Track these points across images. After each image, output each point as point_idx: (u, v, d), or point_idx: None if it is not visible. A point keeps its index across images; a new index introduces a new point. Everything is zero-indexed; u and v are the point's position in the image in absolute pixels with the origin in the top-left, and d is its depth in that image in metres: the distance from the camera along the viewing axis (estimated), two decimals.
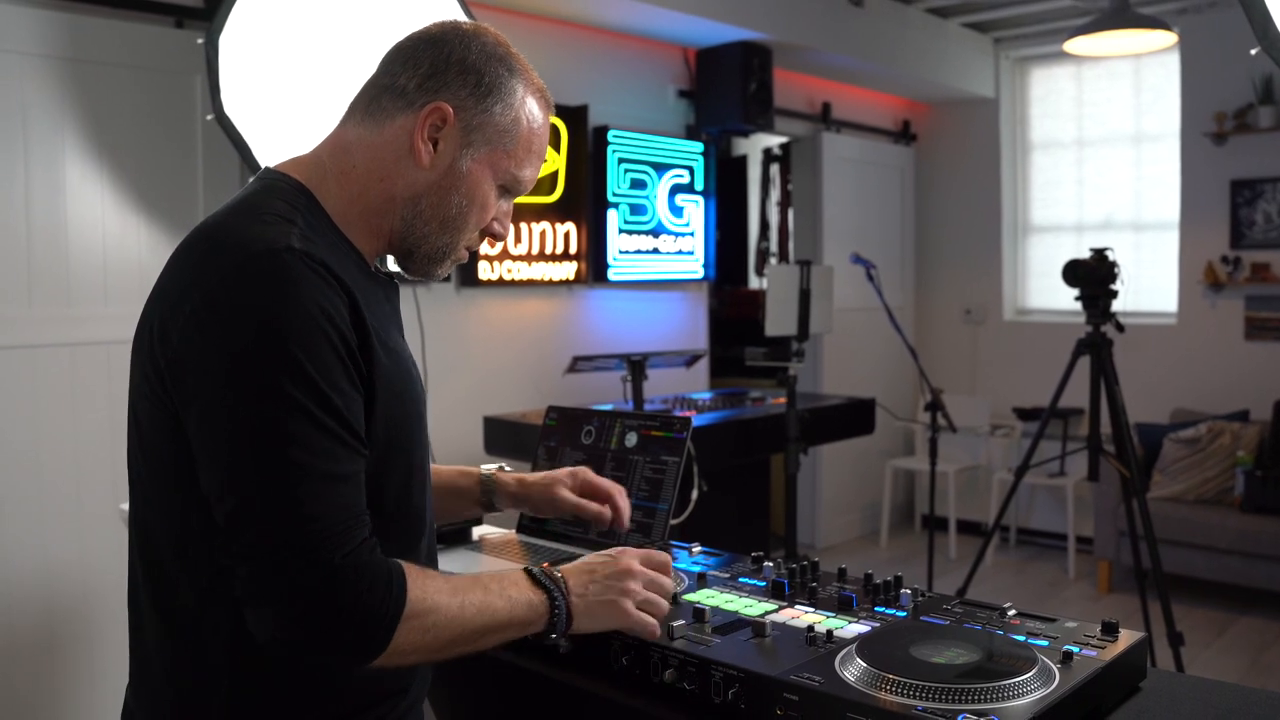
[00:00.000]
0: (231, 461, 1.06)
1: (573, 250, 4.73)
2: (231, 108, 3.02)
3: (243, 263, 1.08)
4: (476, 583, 1.18)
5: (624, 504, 1.59)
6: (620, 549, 1.32)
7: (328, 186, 1.22)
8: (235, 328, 1.06)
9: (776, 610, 1.36)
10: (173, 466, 1.12)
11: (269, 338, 1.05)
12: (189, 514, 1.12)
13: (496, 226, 1.30)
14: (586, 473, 1.61)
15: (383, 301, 1.24)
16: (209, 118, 3.08)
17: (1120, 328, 3.84)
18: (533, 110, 1.26)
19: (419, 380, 1.28)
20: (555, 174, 4.62)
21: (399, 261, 1.30)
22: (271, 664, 1.14)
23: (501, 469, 1.68)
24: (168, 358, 1.10)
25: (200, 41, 3.03)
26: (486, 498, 1.64)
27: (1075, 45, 4.41)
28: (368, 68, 1.29)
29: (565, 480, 1.60)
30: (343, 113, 1.28)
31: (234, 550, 1.06)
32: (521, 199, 1.38)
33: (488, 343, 4.50)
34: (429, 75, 1.21)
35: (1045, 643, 1.22)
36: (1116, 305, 3.84)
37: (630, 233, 4.92)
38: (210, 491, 1.08)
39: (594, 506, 1.57)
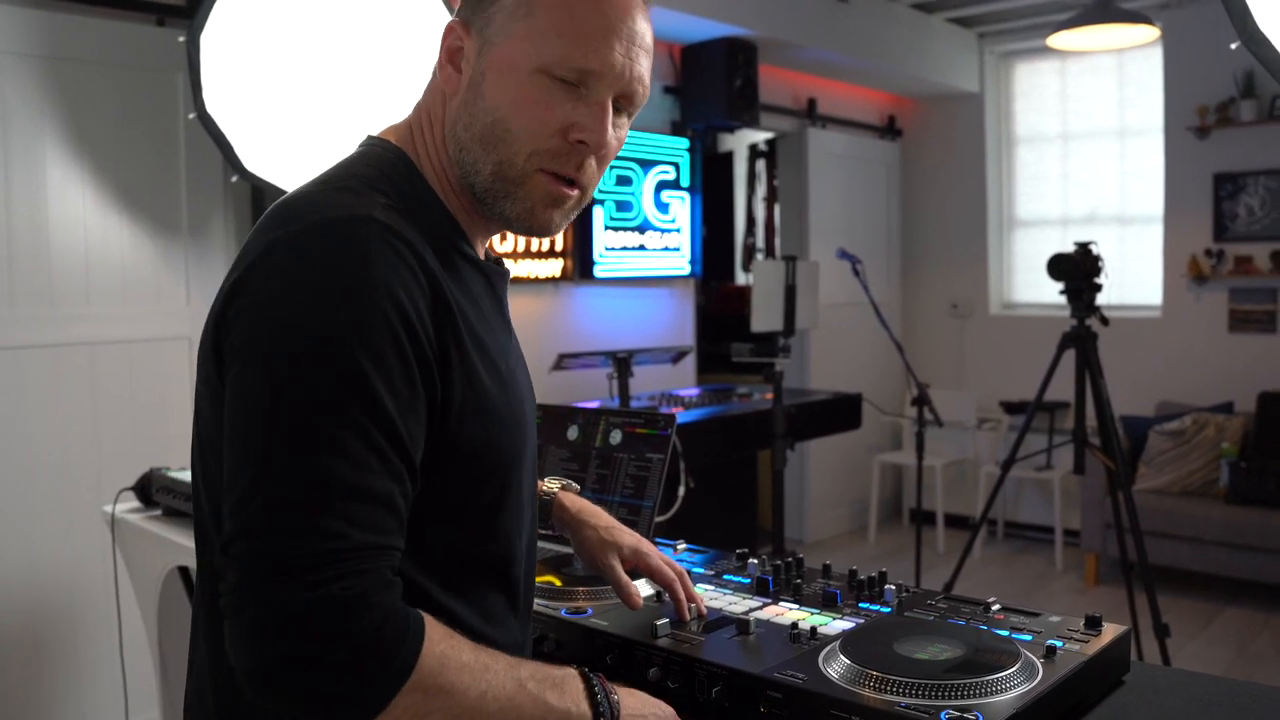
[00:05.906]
0: (247, 454, 0.90)
1: (558, 247, 4.72)
2: (214, 106, 3.00)
3: (310, 231, 0.94)
4: (511, 671, 0.96)
5: (682, 595, 1.32)
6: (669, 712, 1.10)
7: (421, 153, 1.10)
8: (288, 305, 0.92)
9: (761, 607, 1.36)
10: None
11: (324, 322, 0.91)
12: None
13: (577, 130, 1.04)
14: (650, 556, 1.36)
15: (485, 290, 1.11)
16: (191, 116, 3.06)
17: (1105, 321, 3.85)
18: None
19: (520, 383, 1.12)
20: None
21: (489, 213, 1.10)
22: None
23: (567, 486, 1.48)
24: (227, 343, 0.96)
25: (182, 40, 3.01)
26: (544, 510, 1.43)
27: (1059, 40, 4.42)
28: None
29: (623, 550, 1.35)
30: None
31: (229, 551, 0.89)
32: None
33: None
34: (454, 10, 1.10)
35: (1029, 637, 1.22)
36: (1101, 299, 3.85)
37: (616, 229, 4.91)
38: (225, 486, 0.92)
39: (634, 591, 1.31)
